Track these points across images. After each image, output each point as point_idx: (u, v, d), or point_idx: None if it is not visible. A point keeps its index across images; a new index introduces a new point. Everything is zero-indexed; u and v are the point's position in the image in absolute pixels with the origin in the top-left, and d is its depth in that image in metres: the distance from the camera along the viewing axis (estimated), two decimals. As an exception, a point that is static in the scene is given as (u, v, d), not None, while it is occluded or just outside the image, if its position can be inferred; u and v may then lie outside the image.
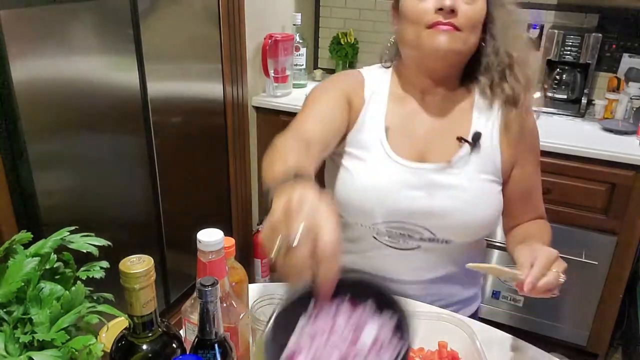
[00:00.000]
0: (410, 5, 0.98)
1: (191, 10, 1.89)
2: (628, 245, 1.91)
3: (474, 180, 1.03)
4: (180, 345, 0.68)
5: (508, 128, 1.04)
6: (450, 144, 1.04)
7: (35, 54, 1.34)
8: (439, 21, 0.95)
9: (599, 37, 2.09)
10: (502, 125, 1.05)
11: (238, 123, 2.24)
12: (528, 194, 1.10)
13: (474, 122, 1.05)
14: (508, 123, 1.04)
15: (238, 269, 0.85)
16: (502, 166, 1.05)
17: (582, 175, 1.90)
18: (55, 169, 1.46)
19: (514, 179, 1.07)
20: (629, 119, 2.10)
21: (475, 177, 1.03)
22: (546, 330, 2.14)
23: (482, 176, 1.04)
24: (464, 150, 1.03)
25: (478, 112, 1.06)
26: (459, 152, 1.03)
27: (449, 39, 0.96)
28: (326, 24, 2.79)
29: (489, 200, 1.04)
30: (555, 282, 0.85)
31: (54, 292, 0.62)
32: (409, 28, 0.99)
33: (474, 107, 1.07)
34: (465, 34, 0.97)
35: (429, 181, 1.02)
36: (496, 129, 1.05)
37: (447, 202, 1.01)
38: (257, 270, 2.60)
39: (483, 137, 1.04)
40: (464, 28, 0.96)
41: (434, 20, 0.95)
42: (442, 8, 0.94)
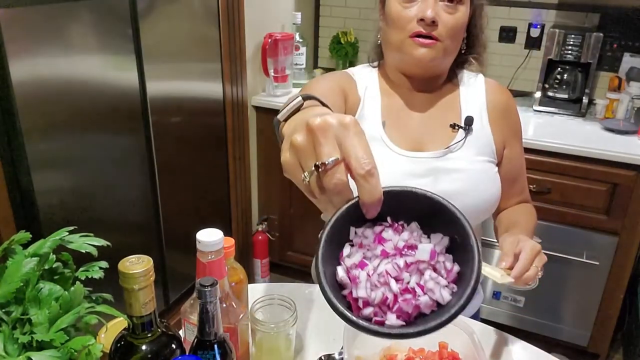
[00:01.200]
0: (395, 10, 1.02)
1: (190, 10, 1.88)
2: (629, 246, 1.91)
3: (473, 162, 1.08)
4: (180, 346, 0.68)
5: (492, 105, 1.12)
6: (445, 132, 1.10)
7: (34, 53, 1.34)
8: (420, 32, 1.00)
9: (600, 36, 2.09)
10: (489, 107, 1.12)
11: (238, 123, 2.24)
12: (516, 175, 1.15)
13: (463, 108, 1.11)
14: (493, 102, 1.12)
15: (238, 269, 0.85)
16: (496, 146, 1.11)
17: (583, 175, 1.90)
18: (54, 169, 1.46)
19: (505, 159, 1.13)
20: (630, 118, 2.09)
21: (474, 159, 1.08)
22: (547, 330, 2.14)
23: (480, 158, 1.09)
24: (459, 135, 1.09)
25: (465, 99, 1.12)
26: (455, 138, 1.08)
27: (429, 52, 1.01)
28: (326, 23, 2.79)
29: (490, 180, 1.09)
30: (534, 276, 0.92)
31: (52, 293, 0.62)
32: (393, 32, 1.04)
33: (461, 95, 1.13)
34: (446, 42, 1.02)
35: (432, 168, 1.06)
36: (484, 112, 1.11)
37: (452, 185, 1.05)
38: (257, 270, 2.60)
39: (474, 121, 1.09)
40: (445, 38, 1.01)
41: (415, 30, 1.00)
42: (424, 19, 0.99)
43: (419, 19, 0.99)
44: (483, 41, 1.12)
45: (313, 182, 0.50)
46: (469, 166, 1.07)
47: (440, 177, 1.06)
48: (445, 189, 1.04)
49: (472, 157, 1.08)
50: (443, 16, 1.00)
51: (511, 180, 1.14)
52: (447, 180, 1.05)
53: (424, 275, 0.51)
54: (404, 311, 0.51)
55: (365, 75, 1.14)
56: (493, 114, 1.11)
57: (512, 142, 1.14)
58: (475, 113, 1.10)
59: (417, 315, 0.51)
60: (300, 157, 0.51)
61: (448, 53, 1.05)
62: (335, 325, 1.00)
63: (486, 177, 1.08)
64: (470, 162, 1.07)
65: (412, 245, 0.52)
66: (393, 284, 0.51)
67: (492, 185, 1.09)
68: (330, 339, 0.97)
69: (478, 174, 1.07)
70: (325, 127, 0.49)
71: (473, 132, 1.09)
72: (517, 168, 1.15)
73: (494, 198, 1.09)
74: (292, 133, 0.52)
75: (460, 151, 1.08)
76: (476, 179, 1.07)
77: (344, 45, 2.64)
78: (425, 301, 0.50)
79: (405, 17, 1.00)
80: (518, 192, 1.17)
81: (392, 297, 0.50)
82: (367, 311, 0.51)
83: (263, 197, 2.57)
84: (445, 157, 1.07)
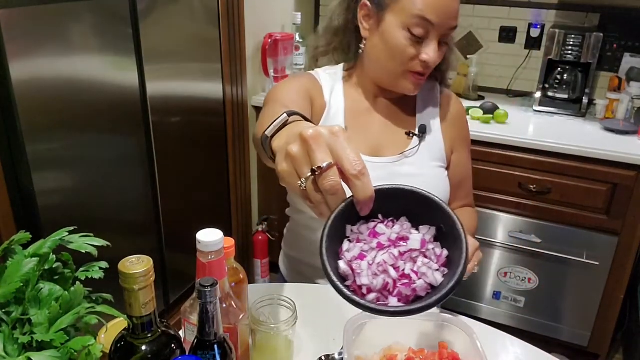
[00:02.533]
0: (401, 45, 1.02)
1: (191, 10, 1.89)
2: (629, 246, 1.91)
3: (427, 167, 1.14)
4: (180, 346, 0.68)
5: (444, 114, 1.19)
6: (401, 138, 1.15)
7: (34, 53, 1.34)
8: (418, 71, 1.04)
9: (600, 36, 2.09)
10: (441, 116, 1.19)
11: (238, 123, 2.24)
12: (462, 179, 1.22)
13: (418, 117, 1.17)
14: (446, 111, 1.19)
15: (238, 269, 0.85)
16: (445, 153, 1.18)
17: (583, 175, 1.90)
18: (54, 169, 1.46)
19: (452, 164, 1.20)
20: (630, 118, 2.09)
21: (427, 164, 1.14)
22: (547, 330, 2.14)
23: (432, 163, 1.15)
24: (413, 142, 1.14)
25: (420, 107, 1.18)
26: (410, 144, 1.14)
27: (417, 87, 1.08)
28: (326, 23, 2.79)
29: (441, 184, 1.15)
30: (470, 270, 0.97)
31: (53, 293, 0.62)
32: (390, 61, 1.05)
33: (417, 104, 1.18)
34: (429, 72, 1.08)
35: (389, 172, 1.11)
36: (437, 120, 1.18)
37: None
38: (257, 270, 2.60)
39: (427, 129, 1.16)
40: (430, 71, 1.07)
41: (415, 69, 1.04)
42: (427, 62, 1.02)
43: (423, 60, 1.02)
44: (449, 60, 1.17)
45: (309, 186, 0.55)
46: (423, 171, 1.13)
47: (397, 180, 1.05)
48: None
49: (426, 162, 1.14)
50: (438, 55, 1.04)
51: (457, 184, 1.20)
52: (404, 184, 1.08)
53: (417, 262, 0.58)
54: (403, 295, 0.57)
55: (329, 78, 1.17)
56: (445, 121, 1.18)
57: (459, 148, 1.20)
58: (429, 121, 1.17)
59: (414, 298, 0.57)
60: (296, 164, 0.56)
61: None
62: (335, 325, 1.00)
63: (438, 180, 1.15)
64: (424, 167, 1.13)
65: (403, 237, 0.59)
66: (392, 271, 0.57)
67: (443, 189, 1.15)
68: (330, 339, 0.97)
69: (431, 179, 1.13)
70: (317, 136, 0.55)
71: (426, 139, 1.15)
72: (464, 173, 1.22)
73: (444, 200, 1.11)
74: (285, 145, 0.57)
75: (414, 157, 1.13)
76: (429, 183, 1.11)
77: (344, 45, 2.64)
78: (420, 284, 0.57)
79: (410, 55, 1.02)
80: (463, 195, 1.24)
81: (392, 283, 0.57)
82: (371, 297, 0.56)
83: (263, 197, 2.58)
84: (400, 162, 1.12)
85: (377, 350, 0.87)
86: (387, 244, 0.58)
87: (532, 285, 2.09)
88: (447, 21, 1.00)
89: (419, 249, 0.58)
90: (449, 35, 1.03)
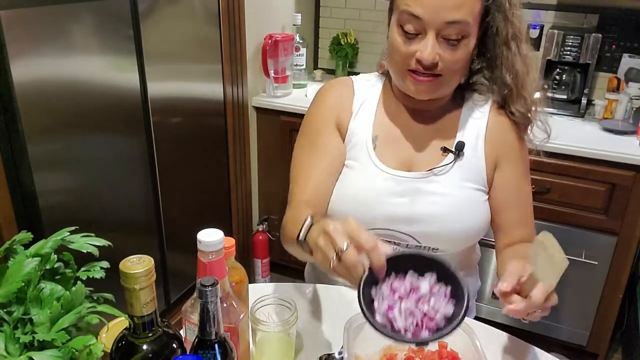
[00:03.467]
0: (396, 43, 0.97)
1: (191, 11, 1.89)
2: (628, 246, 1.91)
3: (457, 188, 1.04)
4: (181, 346, 0.68)
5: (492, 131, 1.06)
6: (436, 154, 1.06)
7: (36, 54, 1.34)
8: (418, 70, 0.96)
9: (599, 37, 2.09)
10: (487, 133, 1.06)
11: (238, 123, 2.24)
12: (509, 204, 1.07)
13: (459, 133, 1.07)
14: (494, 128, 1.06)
15: (238, 269, 0.86)
16: (487, 175, 1.06)
17: (582, 176, 1.90)
18: (55, 169, 1.46)
19: (495, 184, 1.07)
20: (629, 119, 2.10)
21: (459, 184, 1.04)
22: (546, 330, 2.14)
23: (466, 184, 1.04)
24: (447, 159, 1.05)
25: (465, 121, 1.07)
26: (443, 162, 1.05)
27: (429, 88, 0.98)
28: (326, 24, 2.79)
29: (473, 208, 1.05)
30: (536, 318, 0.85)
31: (54, 292, 0.62)
32: (392, 61, 1.01)
33: (461, 119, 1.08)
34: (447, 77, 0.97)
35: (413, 189, 1.04)
36: (481, 138, 1.06)
37: (429, 208, 1.02)
38: (257, 270, 2.60)
39: (467, 147, 1.05)
40: (446, 73, 0.96)
41: (414, 67, 0.96)
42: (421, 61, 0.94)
43: (417, 59, 0.94)
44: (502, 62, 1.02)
45: (337, 265, 0.71)
46: (452, 191, 1.03)
47: (419, 198, 1.03)
48: (421, 211, 1.02)
49: (458, 182, 1.04)
50: (444, 54, 0.94)
51: (501, 208, 1.07)
52: (425, 202, 1.03)
53: (430, 302, 0.73)
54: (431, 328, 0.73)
55: (367, 88, 1.12)
56: (490, 139, 1.06)
57: (504, 165, 1.07)
58: (471, 138, 1.06)
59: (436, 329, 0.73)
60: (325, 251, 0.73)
61: (449, 85, 1.01)
62: (335, 325, 1.00)
63: (469, 203, 1.04)
64: (454, 187, 1.03)
65: (414, 287, 0.74)
66: (417, 313, 0.73)
67: (475, 213, 1.05)
68: (331, 339, 0.97)
69: (460, 200, 1.03)
70: (335, 228, 0.72)
71: (463, 158, 1.05)
72: (510, 196, 1.07)
73: (478, 226, 1.05)
74: (316, 239, 0.75)
75: (445, 175, 1.04)
76: (457, 205, 1.03)
77: (344, 46, 2.64)
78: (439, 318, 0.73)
79: (405, 53, 0.95)
80: (513, 224, 1.07)
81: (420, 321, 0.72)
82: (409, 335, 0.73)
83: (263, 197, 2.58)
84: (427, 179, 1.04)
85: (377, 350, 0.88)
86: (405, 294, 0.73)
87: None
88: (439, 15, 0.90)
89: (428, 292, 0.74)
90: (453, 33, 0.92)
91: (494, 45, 1.01)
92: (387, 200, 1.03)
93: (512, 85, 1.03)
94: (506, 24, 0.99)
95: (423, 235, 1.04)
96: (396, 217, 1.03)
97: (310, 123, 1.12)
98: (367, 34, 2.67)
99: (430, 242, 1.04)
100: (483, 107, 1.08)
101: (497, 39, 1.00)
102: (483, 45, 1.02)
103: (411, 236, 1.04)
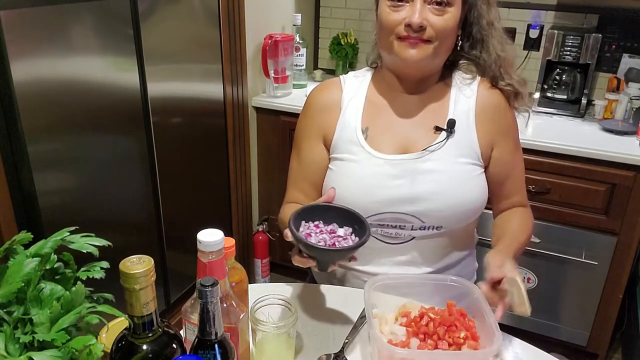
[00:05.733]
0: (384, 14, 1.03)
1: (191, 11, 1.89)
2: (628, 246, 1.91)
3: (452, 164, 1.08)
4: (181, 346, 0.69)
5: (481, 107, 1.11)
6: (429, 133, 1.11)
7: (36, 54, 1.35)
8: (408, 36, 1.01)
9: (599, 37, 2.09)
10: (477, 109, 1.11)
11: (238, 123, 2.25)
12: (505, 176, 1.14)
13: (451, 110, 1.12)
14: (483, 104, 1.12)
15: (238, 269, 0.86)
16: (480, 149, 1.10)
17: (582, 176, 1.90)
18: (55, 169, 1.46)
19: (493, 160, 1.13)
20: (629, 119, 2.10)
21: (453, 160, 1.09)
22: (546, 330, 2.14)
23: (460, 159, 1.09)
24: (440, 137, 1.10)
25: (455, 100, 1.12)
26: (436, 140, 1.09)
27: (419, 51, 1.03)
28: (326, 24, 2.79)
29: (470, 182, 1.09)
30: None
31: (54, 293, 0.62)
32: (382, 35, 1.06)
33: (450, 97, 1.13)
34: (436, 44, 1.03)
35: (410, 169, 1.08)
36: (472, 114, 1.11)
37: (429, 186, 1.07)
38: (257, 270, 2.60)
39: (458, 123, 1.09)
40: (434, 39, 1.02)
41: (403, 34, 1.02)
42: (410, 25, 1.00)
43: (406, 24, 1.00)
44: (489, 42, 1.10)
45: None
46: (448, 167, 1.08)
47: (417, 177, 1.07)
48: (421, 189, 1.07)
49: (452, 158, 1.08)
50: (431, 19, 1.00)
51: (500, 180, 1.14)
52: (424, 181, 1.07)
53: (340, 241, 0.91)
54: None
55: (355, 84, 1.17)
56: (481, 115, 1.11)
57: (500, 142, 1.12)
58: (462, 115, 1.10)
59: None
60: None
61: (438, 54, 1.05)
62: (335, 325, 1.00)
63: (466, 178, 1.09)
64: (449, 163, 1.08)
65: (334, 230, 0.92)
66: (328, 240, 0.90)
67: (473, 187, 1.09)
68: (330, 339, 0.97)
69: (457, 175, 1.08)
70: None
71: (455, 134, 1.09)
72: (507, 168, 1.14)
73: (478, 200, 1.10)
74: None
75: (439, 152, 1.08)
76: (454, 180, 1.08)
77: (344, 46, 2.65)
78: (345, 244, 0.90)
79: (393, 20, 1.02)
80: (510, 193, 1.16)
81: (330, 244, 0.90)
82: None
83: (263, 197, 2.58)
84: (422, 158, 1.08)
85: (393, 309, 0.97)
86: (325, 231, 0.92)
87: (531, 285, 2.09)
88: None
89: (343, 235, 0.91)
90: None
91: (479, 25, 1.09)
92: (387, 184, 1.08)
93: (500, 62, 1.11)
94: (488, 7, 1.09)
95: (425, 213, 1.07)
96: (398, 198, 1.07)
97: (297, 132, 1.20)
98: (367, 34, 2.63)
99: (433, 220, 1.08)
100: (471, 86, 1.13)
101: (482, 21, 1.08)
102: (468, 26, 1.09)
103: (414, 216, 1.08)
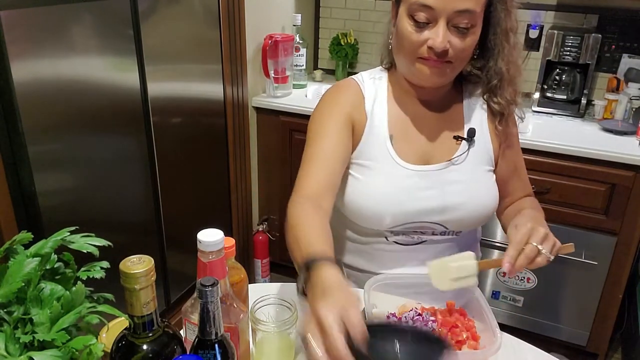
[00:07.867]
0: (406, 32, 1.00)
1: (191, 11, 1.89)
2: (628, 246, 1.92)
3: (475, 172, 1.11)
4: (181, 345, 0.69)
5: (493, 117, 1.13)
6: (449, 143, 1.12)
7: (36, 54, 1.35)
8: (430, 57, 0.99)
9: (599, 37, 2.09)
10: (488, 117, 1.14)
11: (238, 123, 2.25)
12: (516, 169, 1.18)
13: (466, 119, 1.13)
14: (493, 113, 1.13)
15: (238, 269, 0.86)
16: (494, 154, 1.14)
17: (582, 176, 1.90)
18: (55, 170, 1.46)
19: (503, 157, 1.15)
20: (629, 119, 2.10)
21: (476, 169, 1.11)
22: (546, 330, 2.14)
23: (480, 168, 1.12)
24: (462, 147, 1.11)
25: (468, 109, 1.14)
26: (459, 150, 1.11)
27: (438, 72, 1.02)
28: (326, 24, 2.79)
29: (490, 188, 1.13)
30: (533, 255, 0.91)
31: (54, 292, 0.62)
32: (401, 50, 1.03)
33: (464, 106, 1.14)
34: (455, 64, 1.02)
35: (438, 180, 1.09)
36: (485, 122, 1.13)
37: (456, 196, 1.08)
38: (257, 270, 2.60)
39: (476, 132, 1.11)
40: (454, 60, 1.01)
41: (425, 55, 1.00)
42: (433, 48, 0.97)
43: (429, 46, 0.98)
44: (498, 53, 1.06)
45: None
46: (472, 176, 1.10)
47: (446, 188, 1.08)
48: (451, 200, 1.08)
49: (475, 166, 1.11)
50: (454, 41, 0.98)
51: (506, 180, 1.17)
52: (453, 191, 1.08)
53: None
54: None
55: (373, 85, 1.14)
56: (492, 122, 1.13)
57: (509, 142, 1.16)
58: (477, 124, 1.12)
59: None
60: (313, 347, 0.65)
61: (454, 72, 1.05)
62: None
63: (485, 186, 1.12)
64: (472, 172, 1.10)
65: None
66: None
67: (491, 192, 1.13)
68: (330, 339, 0.97)
69: (480, 184, 1.11)
70: (330, 324, 0.64)
71: (475, 144, 1.11)
72: (517, 163, 1.18)
73: (491, 205, 1.13)
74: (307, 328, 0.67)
75: (463, 163, 1.10)
76: (479, 188, 1.10)
77: (343, 46, 2.65)
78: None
79: (416, 42, 0.99)
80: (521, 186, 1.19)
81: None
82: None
83: (263, 197, 2.58)
84: (448, 169, 1.09)
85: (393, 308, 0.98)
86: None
87: (531, 284, 2.09)
88: (449, 4, 0.94)
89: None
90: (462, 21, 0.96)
91: (494, 35, 1.05)
92: (418, 195, 1.08)
93: (506, 74, 1.08)
94: (506, 15, 1.03)
95: (450, 221, 1.10)
96: (429, 209, 1.08)
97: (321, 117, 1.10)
98: (367, 34, 2.67)
99: (456, 226, 1.11)
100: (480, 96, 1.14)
101: (498, 29, 1.04)
102: (483, 36, 1.05)
103: (439, 224, 1.10)
